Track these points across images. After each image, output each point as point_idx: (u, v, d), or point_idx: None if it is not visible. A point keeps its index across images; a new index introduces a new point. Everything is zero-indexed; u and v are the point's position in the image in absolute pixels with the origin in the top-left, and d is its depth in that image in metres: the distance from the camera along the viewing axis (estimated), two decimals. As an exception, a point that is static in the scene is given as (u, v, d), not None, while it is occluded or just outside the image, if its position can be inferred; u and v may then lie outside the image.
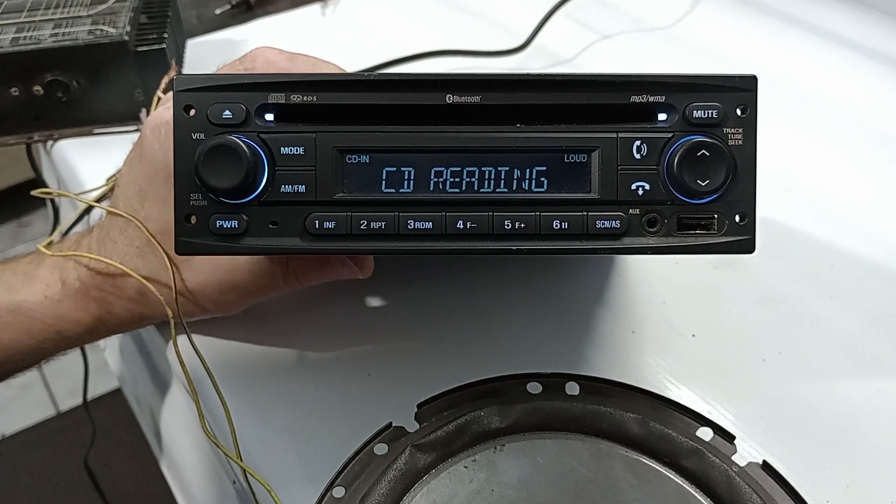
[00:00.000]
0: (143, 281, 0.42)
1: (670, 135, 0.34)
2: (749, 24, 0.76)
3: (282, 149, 0.35)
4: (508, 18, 0.78)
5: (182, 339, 0.44)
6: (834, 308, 0.49)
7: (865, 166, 0.60)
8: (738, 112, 0.34)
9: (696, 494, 0.37)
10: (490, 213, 0.35)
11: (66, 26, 0.63)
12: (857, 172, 0.59)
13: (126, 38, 0.62)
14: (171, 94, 0.36)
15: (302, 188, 0.35)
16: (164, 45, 0.63)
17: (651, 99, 0.34)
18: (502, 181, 0.35)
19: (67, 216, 0.66)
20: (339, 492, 0.38)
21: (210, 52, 0.76)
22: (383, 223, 0.35)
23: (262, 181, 0.34)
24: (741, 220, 0.34)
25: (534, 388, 0.41)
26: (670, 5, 0.79)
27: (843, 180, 0.58)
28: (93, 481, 0.99)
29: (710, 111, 0.34)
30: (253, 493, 0.40)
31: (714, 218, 0.34)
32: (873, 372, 0.45)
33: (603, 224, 0.34)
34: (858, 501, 0.39)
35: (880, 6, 0.75)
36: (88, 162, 0.64)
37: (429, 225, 0.35)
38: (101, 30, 0.62)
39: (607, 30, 0.76)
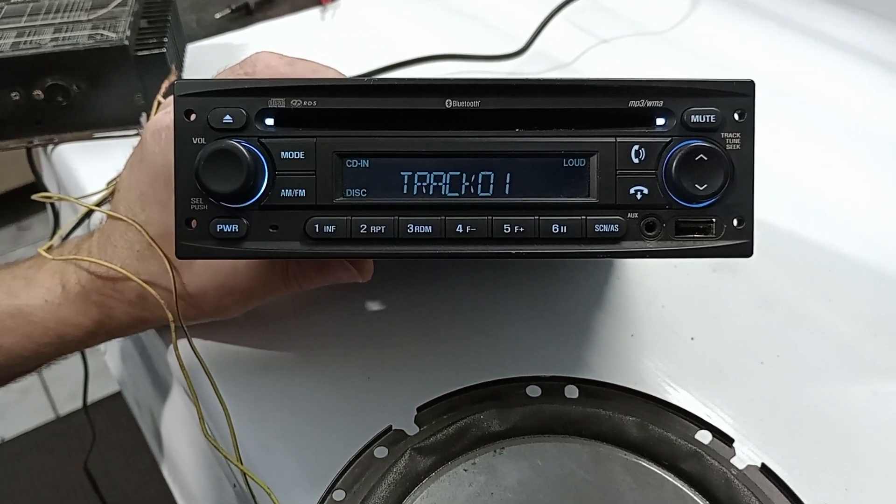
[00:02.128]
0: (144, 285, 0.42)
1: (668, 139, 0.34)
2: (746, 27, 0.76)
3: (282, 153, 0.35)
4: (507, 22, 0.78)
5: (182, 343, 0.44)
6: (832, 311, 0.49)
7: (863, 169, 0.60)
8: (736, 117, 0.34)
9: (695, 497, 0.38)
10: (489, 217, 0.35)
11: (66, 31, 0.63)
12: (855, 175, 0.59)
13: (126, 42, 0.62)
14: (171, 98, 0.36)
15: (302, 192, 0.35)
16: (164, 50, 0.64)
17: (649, 104, 0.34)
18: (501, 185, 0.35)
19: (67, 220, 0.66)
20: (339, 495, 0.38)
21: (210, 57, 0.76)
22: (383, 227, 0.35)
23: (262, 185, 0.35)
24: (739, 223, 0.34)
25: (533, 391, 0.42)
26: (668, 9, 0.79)
27: (841, 183, 0.59)
28: (93, 485, 0.99)
29: (707, 116, 0.34)
30: (253, 497, 0.40)
31: (712, 222, 0.34)
32: (871, 374, 0.45)
33: (601, 228, 0.35)
34: (857, 504, 0.39)
35: (877, 10, 0.75)
36: (88, 166, 0.64)
37: (428, 229, 0.35)
38: (102, 34, 0.63)
39: (606, 34, 0.76)
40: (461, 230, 0.35)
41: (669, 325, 0.48)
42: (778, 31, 0.75)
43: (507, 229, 0.35)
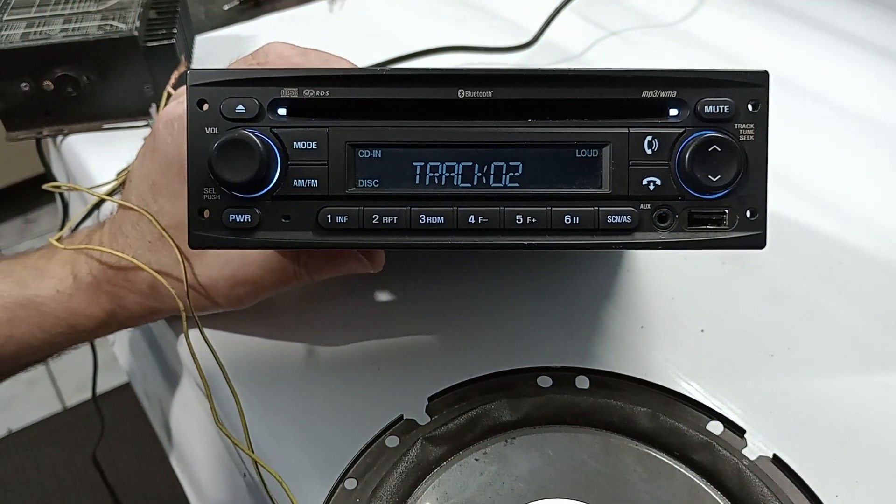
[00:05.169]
0: (156, 275, 0.43)
1: (681, 130, 0.34)
2: (757, 20, 0.76)
3: (294, 143, 0.35)
4: (517, 14, 0.78)
5: (193, 333, 0.44)
6: (842, 304, 0.49)
7: (874, 162, 0.60)
8: (750, 107, 0.34)
9: (707, 488, 0.38)
10: (501, 208, 0.35)
11: (75, 22, 0.63)
12: (865, 168, 0.59)
13: (135, 33, 0.62)
14: (182, 89, 0.36)
15: (314, 182, 0.35)
16: (173, 41, 0.64)
17: (662, 94, 0.34)
18: (514, 176, 0.35)
19: (76, 212, 0.66)
20: (350, 483, 0.38)
21: (218, 48, 0.76)
22: (395, 217, 0.35)
23: (274, 175, 0.35)
24: (752, 215, 0.34)
25: (544, 381, 0.42)
26: (678, 1, 0.79)
27: (852, 176, 0.58)
28: (101, 476, 1.00)
29: (721, 106, 0.34)
30: (265, 486, 0.40)
31: (725, 213, 0.34)
32: (881, 367, 0.45)
33: (614, 219, 0.34)
34: (867, 496, 0.39)
35: (888, 3, 0.75)
36: (98, 157, 0.64)
37: (440, 220, 0.35)
38: (111, 25, 0.63)
39: (615, 26, 0.76)
40: (473, 221, 0.35)
41: (679, 317, 0.48)
42: (788, 24, 0.75)
43: (519, 220, 0.35)
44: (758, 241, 0.35)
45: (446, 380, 0.42)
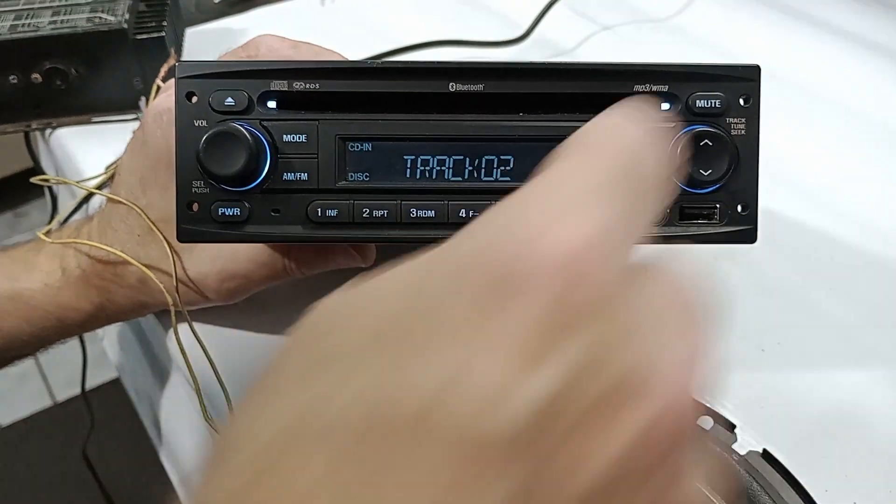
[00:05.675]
0: (144, 269, 0.42)
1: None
2: (749, 15, 0.76)
3: (284, 136, 0.35)
4: (509, 9, 0.78)
5: (182, 328, 0.44)
6: (833, 299, 0.49)
7: (865, 158, 0.60)
8: (741, 102, 0.34)
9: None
10: (492, 202, 0.34)
11: (64, 14, 0.63)
12: (857, 164, 0.59)
13: (125, 25, 0.61)
14: (171, 81, 0.36)
15: (304, 176, 0.35)
16: (163, 34, 0.63)
17: (654, 88, 0.34)
18: (505, 170, 0.35)
19: (65, 205, 0.65)
20: (340, 479, 0.38)
21: (209, 41, 0.76)
22: (385, 211, 0.35)
23: (264, 169, 0.34)
24: (743, 209, 0.34)
25: (534, 377, 0.41)
26: (670, -4, 0.79)
27: (844, 172, 0.59)
28: (91, 472, 0.99)
29: (713, 101, 0.34)
30: (254, 481, 0.40)
31: (716, 208, 0.34)
32: (872, 362, 0.45)
33: None
34: (857, 490, 0.39)
35: (881, -1, 0.75)
36: (87, 150, 0.63)
37: (431, 213, 0.35)
38: (100, 17, 0.62)
39: (608, 21, 0.76)
40: (464, 214, 0.35)
41: (670, 312, 0.48)
42: (781, 19, 0.75)
43: (510, 214, 0.35)
44: (749, 236, 0.35)
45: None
